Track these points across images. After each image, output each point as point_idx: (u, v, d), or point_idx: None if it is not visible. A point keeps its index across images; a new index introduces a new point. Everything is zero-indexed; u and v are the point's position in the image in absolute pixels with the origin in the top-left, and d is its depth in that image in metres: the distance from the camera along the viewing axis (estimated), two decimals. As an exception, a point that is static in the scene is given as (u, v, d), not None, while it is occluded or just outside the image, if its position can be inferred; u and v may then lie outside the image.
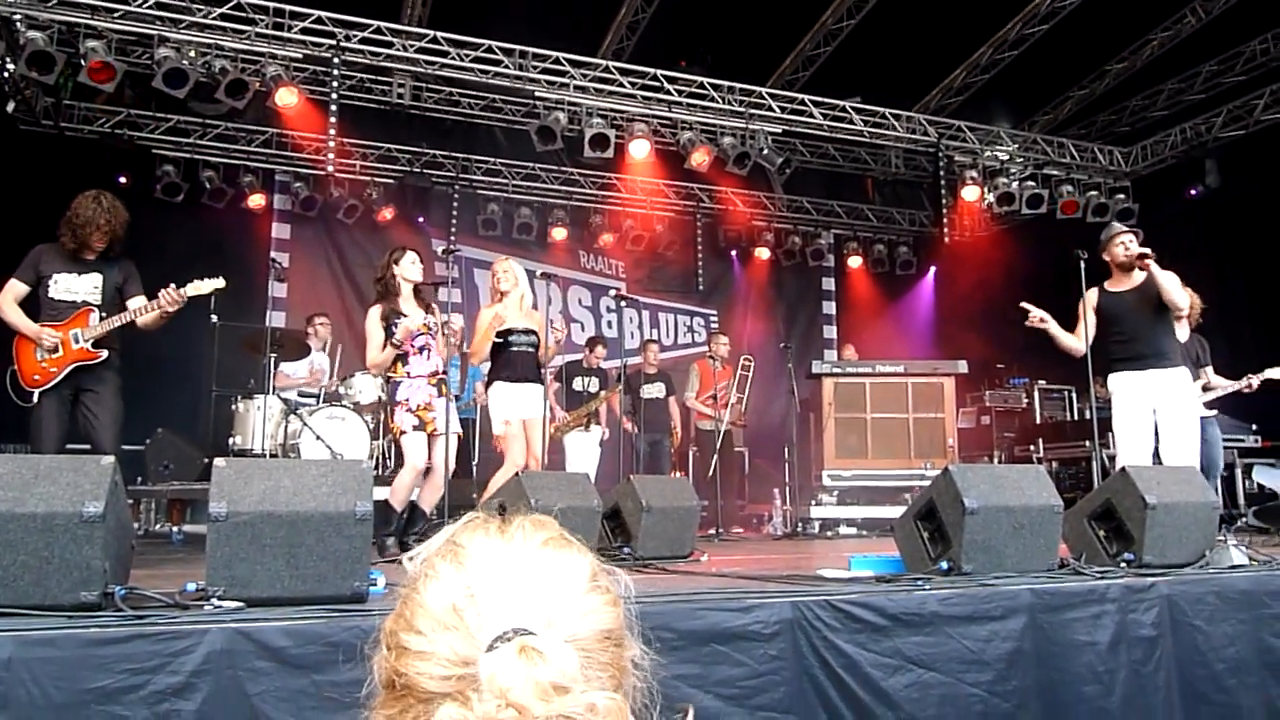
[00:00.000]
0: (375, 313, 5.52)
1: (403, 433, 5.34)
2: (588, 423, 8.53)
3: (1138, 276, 5.54)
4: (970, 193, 10.40)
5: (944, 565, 3.69)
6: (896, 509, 7.60)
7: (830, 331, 13.20)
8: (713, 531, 7.89)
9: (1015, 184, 10.41)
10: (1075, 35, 9.20)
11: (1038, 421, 10.31)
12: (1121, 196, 10.44)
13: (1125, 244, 5.57)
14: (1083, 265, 5.59)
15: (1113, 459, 6.75)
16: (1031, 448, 9.66)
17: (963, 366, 8.88)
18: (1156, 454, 5.44)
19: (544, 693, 0.73)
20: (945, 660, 3.10)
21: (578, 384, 8.65)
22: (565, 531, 0.86)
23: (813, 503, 8.59)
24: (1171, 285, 5.43)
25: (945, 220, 10.42)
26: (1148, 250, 5.44)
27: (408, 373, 5.43)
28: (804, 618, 2.98)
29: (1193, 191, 10.22)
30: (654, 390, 9.07)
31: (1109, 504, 4.21)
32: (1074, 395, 10.51)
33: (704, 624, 2.86)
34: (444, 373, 5.64)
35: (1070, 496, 5.87)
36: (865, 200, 12.94)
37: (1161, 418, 5.43)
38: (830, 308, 13.30)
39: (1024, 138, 10.72)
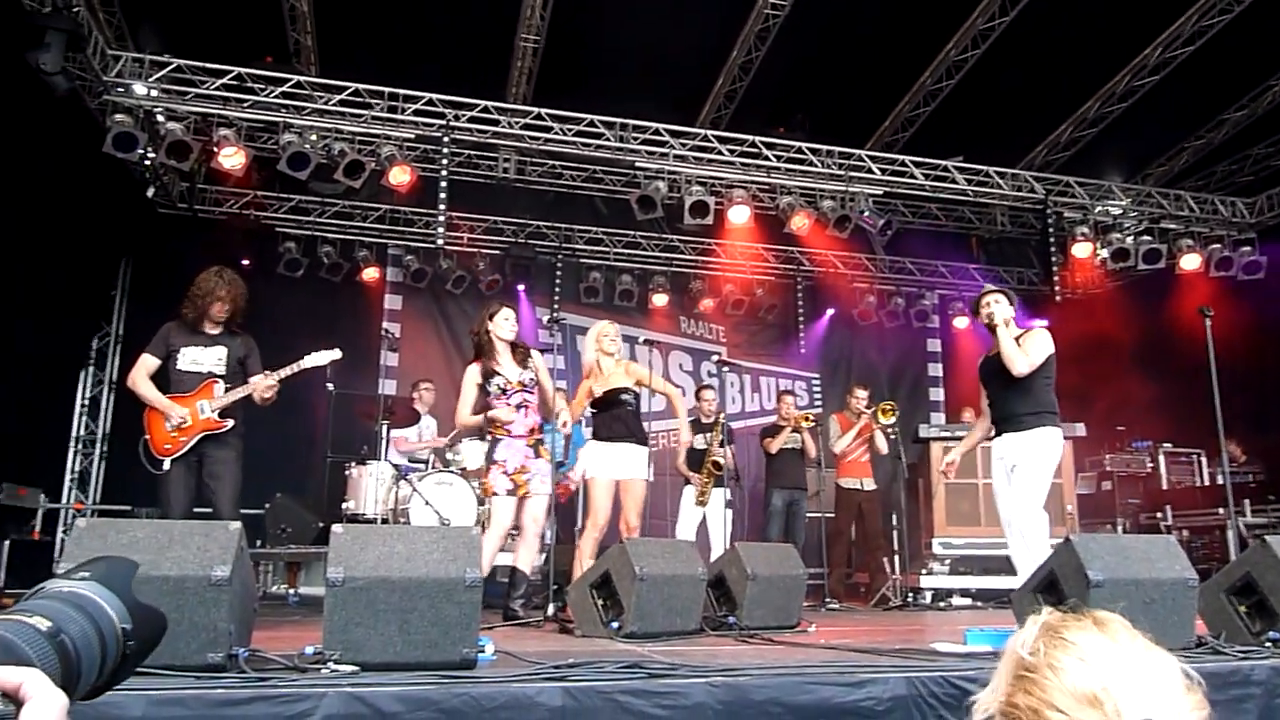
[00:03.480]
0: (474, 371, 5.57)
1: (494, 494, 5.40)
2: (720, 479, 7.87)
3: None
4: (1082, 249, 10.06)
5: (1069, 641, 3.50)
6: (1012, 579, 7.26)
7: (937, 394, 12.83)
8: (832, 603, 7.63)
9: (1130, 239, 10.03)
10: (1188, 85, 8.91)
11: (1164, 487, 9.75)
12: (1247, 249, 9.94)
13: (988, 303, 5.30)
14: (1208, 322, 5.35)
15: (1249, 528, 6.37)
16: (1159, 515, 9.14)
17: (1080, 429, 8.50)
18: None
19: None
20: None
21: (699, 442, 8.05)
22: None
23: (923, 572, 8.29)
24: (1008, 346, 5.08)
25: (1055, 278, 10.10)
26: (993, 312, 5.19)
27: (508, 430, 5.47)
28: (919, 694, 2.87)
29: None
30: (790, 441, 8.49)
31: (1249, 577, 3.94)
32: (1204, 459, 9.90)
33: (813, 698, 2.78)
34: (542, 430, 5.67)
35: (1204, 568, 5.54)
36: (970, 259, 12.68)
37: (1014, 478, 5.11)
38: (936, 369, 12.96)
39: (1138, 191, 10.37)
